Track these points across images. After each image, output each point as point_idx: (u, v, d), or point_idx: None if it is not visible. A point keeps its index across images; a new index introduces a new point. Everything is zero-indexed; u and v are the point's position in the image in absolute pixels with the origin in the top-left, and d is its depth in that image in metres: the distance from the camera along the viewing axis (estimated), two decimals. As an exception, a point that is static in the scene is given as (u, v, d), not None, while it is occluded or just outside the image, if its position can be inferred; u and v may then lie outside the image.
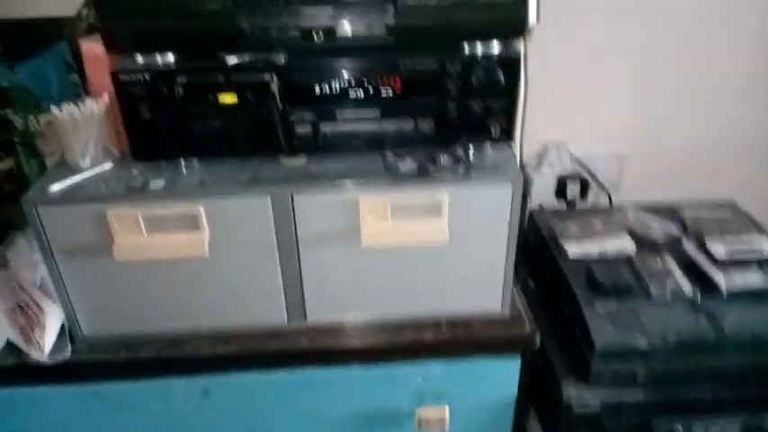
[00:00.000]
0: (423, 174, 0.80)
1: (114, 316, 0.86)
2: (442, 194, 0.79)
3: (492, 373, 0.92)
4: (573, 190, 1.30)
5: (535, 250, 1.18)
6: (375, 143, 0.81)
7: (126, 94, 0.75)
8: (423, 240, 0.82)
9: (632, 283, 0.98)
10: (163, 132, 0.78)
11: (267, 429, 0.94)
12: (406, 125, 0.80)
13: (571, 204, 1.31)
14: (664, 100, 1.31)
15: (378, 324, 0.90)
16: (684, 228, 1.13)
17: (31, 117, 0.96)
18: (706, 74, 1.28)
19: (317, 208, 0.80)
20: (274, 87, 0.76)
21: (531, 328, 0.90)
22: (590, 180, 1.31)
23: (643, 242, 1.09)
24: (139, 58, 0.75)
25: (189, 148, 0.80)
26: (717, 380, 0.94)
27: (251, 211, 0.79)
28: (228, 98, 0.77)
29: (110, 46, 0.73)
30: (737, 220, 1.15)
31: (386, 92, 0.78)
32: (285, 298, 0.86)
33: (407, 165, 0.81)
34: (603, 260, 1.05)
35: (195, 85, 0.76)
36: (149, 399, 0.90)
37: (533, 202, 1.31)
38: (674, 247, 1.08)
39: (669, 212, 1.18)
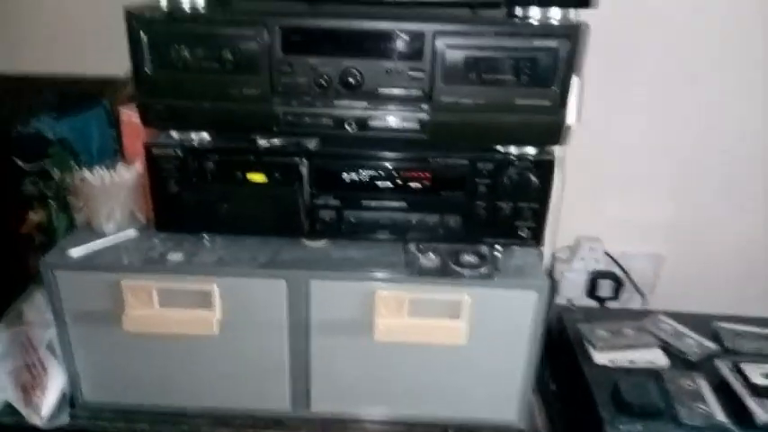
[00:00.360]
0: (445, 271, 0.77)
1: (117, 385, 0.84)
2: (463, 295, 0.76)
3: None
4: (605, 288, 1.25)
5: (560, 350, 1.12)
6: (399, 234, 0.79)
7: (157, 167, 0.76)
8: (439, 340, 0.78)
9: (660, 405, 0.91)
10: (188, 207, 0.78)
11: None
12: (432, 219, 0.78)
13: (602, 303, 1.25)
14: (705, 202, 1.26)
15: (383, 422, 0.85)
16: (721, 344, 1.06)
17: (68, 172, 0.98)
18: (752, 176, 1.23)
19: (332, 295, 0.78)
20: (303, 171, 0.76)
21: (550, 445, 0.84)
22: (624, 279, 1.26)
23: (675, 357, 1.03)
24: (174, 134, 0.76)
25: (212, 223, 0.80)
26: None
27: (266, 292, 0.78)
28: (257, 178, 0.77)
29: (146, 121, 0.74)
30: (780, 341, 1.07)
31: (414, 185, 0.76)
32: (291, 385, 0.83)
33: (430, 260, 0.79)
34: (631, 373, 0.98)
35: (226, 163, 0.76)
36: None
37: (562, 297, 1.26)
38: (708, 366, 1.01)
39: (705, 325, 1.11)
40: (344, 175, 0.76)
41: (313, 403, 0.84)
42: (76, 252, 0.78)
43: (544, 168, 0.74)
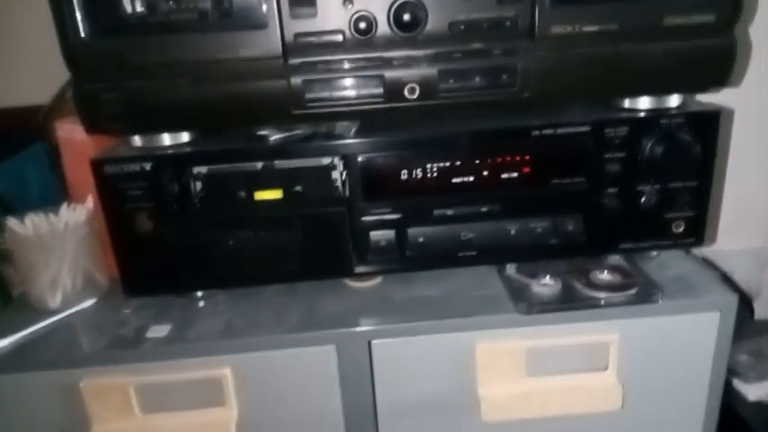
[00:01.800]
0: (574, 300, 0.51)
1: None
2: (610, 333, 0.50)
3: None
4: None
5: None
6: (492, 254, 0.52)
7: (114, 195, 0.49)
8: (579, 407, 0.51)
9: None
10: (170, 252, 0.51)
11: None
12: (540, 225, 0.52)
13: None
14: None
15: None
16: None
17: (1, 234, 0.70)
18: None
19: (408, 360, 0.50)
20: (338, 175, 0.50)
21: None
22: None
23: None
24: (137, 141, 0.50)
25: (209, 274, 0.52)
26: None
27: (304, 369, 0.50)
28: (269, 194, 0.50)
29: (89, 123, 0.47)
30: None
31: (509, 175, 0.50)
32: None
33: (547, 287, 0.52)
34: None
35: (220, 177, 0.49)
36: None
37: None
38: None
39: None
40: (401, 175, 0.50)
41: None
42: (2, 344, 0.50)
43: (707, 126, 0.49)
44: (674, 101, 0.50)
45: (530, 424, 0.51)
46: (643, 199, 0.51)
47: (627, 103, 0.51)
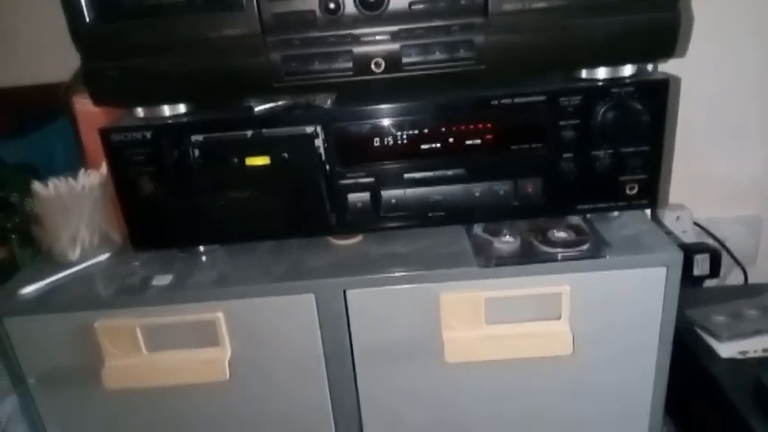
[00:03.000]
0: (530, 256, 0.56)
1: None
2: (562, 285, 0.54)
3: None
4: (700, 265, 1.01)
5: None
6: (458, 215, 0.58)
7: (121, 161, 0.56)
8: (533, 351, 0.56)
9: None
10: (172, 211, 0.57)
11: None
12: (503, 188, 0.57)
13: (699, 283, 1.02)
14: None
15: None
16: None
17: (28, 199, 0.78)
18: None
19: (379, 308, 0.56)
20: (319, 143, 0.55)
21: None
22: (720, 251, 1.03)
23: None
24: (139, 112, 0.56)
25: (207, 230, 0.59)
26: None
27: (289, 314, 0.57)
28: (258, 160, 0.56)
29: (97, 97, 0.54)
30: None
31: (473, 142, 0.55)
32: (336, 427, 0.61)
33: (507, 244, 0.57)
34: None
35: (214, 144, 0.55)
36: None
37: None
38: None
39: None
40: (375, 142, 0.56)
41: (370, 455, 0.62)
42: (28, 290, 0.58)
43: (656, 93, 0.53)
44: (627, 71, 0.54)
45: (489, 365, 0.57)
46: (597, 163, 0.55)
47: (584, 74, 0.55)
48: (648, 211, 0.64)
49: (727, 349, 0.79)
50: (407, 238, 0.60)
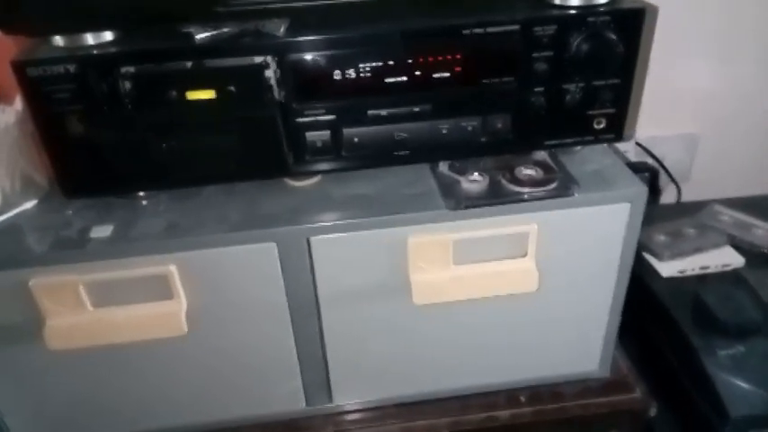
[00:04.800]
0: (498, 195, 0.54)
1: (61, 423, 0.60)
2: (529, 224, 0.54)
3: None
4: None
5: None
6: (424, 152, 0.55)
7: (41, 99, 0.48)
8: (500, 290, 0.56)
9: (758, 316, 0.74)
10: (105, 154, 0.51)
11: None
12: (471, 123, 0.54)
13: (638, 202, 1.06)
14: (745, 71, 1.05)
15: (431, 401, 0.64)
16: (796, 229, 0.89)
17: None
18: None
19: (345, 254, 0.54)
20: (271, 74, 0.50)
21: (643, 393, 0.66)
22: (659, 170, 1.06)
23: (750, 253, 0.85)
24: (58, 41, 0.48)
25: (146, 175, 0.53)
26: None
27: (249, 264, 0.53)
28: (201, 94, 0.50)
29: (5, 23, 0.45)
30: None
31: (440, 75, 0.51)
32: (302, 376, 0.61)
33: (475, 182, 0.55)
34: (708, 281, 0.80)
35: (149, 77, 0.49)
36: None
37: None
38: (792, 256, 0.84)
39: (766, 209, 0.94)
40: (334, 74, 0.51)
41: (336, 395, 0.63)
42: (-55, 249, 0.51)
43: (631, 24, 0.50)
44: (601, -1, 0.51)
45: (457, 306, 0.57)
46: (568, 97, 0.53)
47: (557, 0, 0.51)
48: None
49: (667, 268, 0.83)
50: (370, 178, 0.57)
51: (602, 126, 0.55)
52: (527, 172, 0.55)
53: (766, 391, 0.67)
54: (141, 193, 0.56)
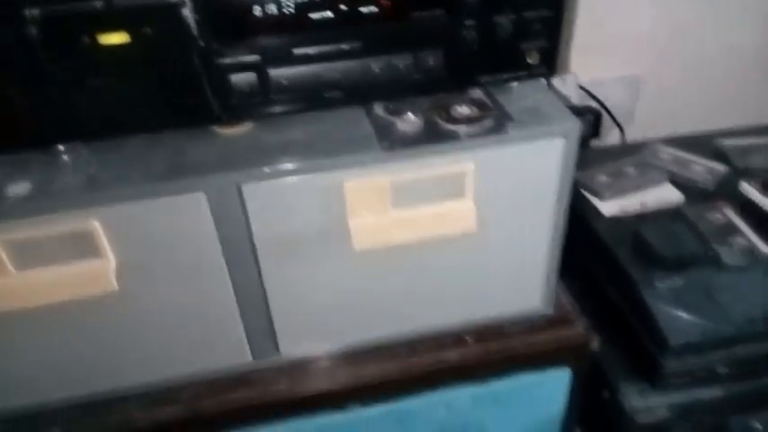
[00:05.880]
0: (435, 135, 0.53)
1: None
2: (466, 163, 0.53)
3: (534, 390, 0.69)
4: (584, 127, 1.05)
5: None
6: (356, 93, 0.53)
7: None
8: (439, 231, 0.56)
9: (695, 248, 0.76)
10: (15, 105, 0.48)
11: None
12: (403, 61, 0.52)
13: (582, 144, 1.07)
14: (684, 9, 1.06)
15: (380, 347, 0.65)
16: (730, 164, 0.91)
17: None
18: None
19: (280, 201, 0.52)
20: (188, 13, 0.47)
21: (585, 328, 0.67)
22: (602, 112, 1.07)
23: (688, 188, 0.87)
24: (-54, -19, 0.44)
25: (62, 127, 0.50)
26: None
27: (177, 217, 0.51)
28: (115, 38, 0.47)
29: None
30: (792, 148, 0.94)
31: (369, 9, 0.49)
32: (246, 329, 0.60)
33: (410, 123, 0.54)
34: (648, 218, 0.82)
35: (55, 17, 0.45)
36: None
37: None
38: (729, 191, 0.86)
39: (707, 146, 0.96)
40: (256, 11, 0.48)
41: (282, 346, 0.62)
42: None
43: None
44: (530, -74, 0.50)
45: (398, 250, 0.56)
46: (499, 30, 0.52)
47: (487, -71, 0.50)
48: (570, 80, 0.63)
49: (608, 207, 0.85)
50: (304, 123, 0.55)
51: (534, 61, 0.54)
52: (462, 110, 0.54)
53: (703, 319, 0.70)
54: (61, 148, 0.53)
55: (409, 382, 0.65)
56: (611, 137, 1.15)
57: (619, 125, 1.12)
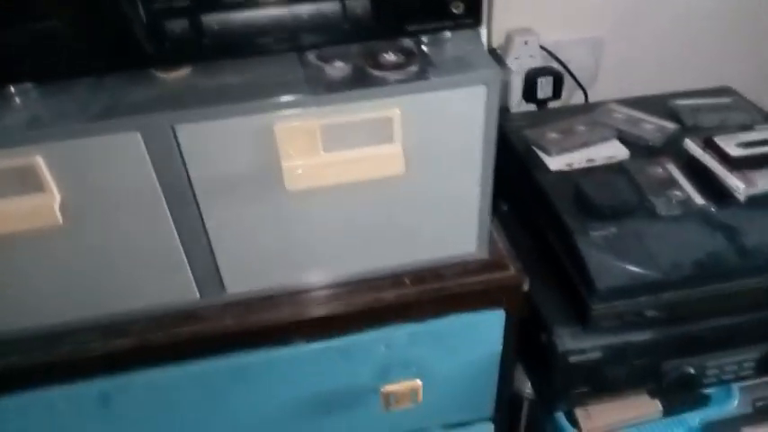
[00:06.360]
0: (362, 80, 0.56)
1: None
2: (392, 108, 0.56)
3: (471, 330, 0.73)
4: (544, 88, 1.08)
5: (507, 165, 0.97)
6: (288, 40, 0.56)
7: None
8: (369, 174, 0.59)
9: (631, 200, 0.79)
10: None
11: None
12: (331, 8, 0.55)
13: (543, 105, 1.10)
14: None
15: (321, 287, 0.68)
16: (681, 123, 0.94)
17: None
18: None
19: (213, 142, 0.56)
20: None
21: (517, 270, 0.71)
22: (563, 73, 1.10)
23: (636, 146, 0.90)
24: None
25: (7, 68, 0.53)
26: (734, 307, 0.78)
27: (114, 154, 0.54)
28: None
29: None
30: (741, 108, 0.96)
31: (295, -42, 0.52)
32: (191, 267, 0.64)
33: (338, 69, 0.57)
34: (593, 173, 0.85)
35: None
36: (31, 416, 0.67)
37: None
38: (675, 148, 0.89)
39: (660, 106, 0.99)
40: (188, -41, 0.51)
41: (228, 285, 0.66)
42: None
43: None
44: None
45: (333, 193, 0.60)
46: (423, -20, 0.54)
47: None
48: (484, 34, 0.66)
49: (555, 162, 0.88)
50: (240, 70, 0.58)
51: (458, 10, 0.56)
52: (389, 58, 0.57)
53: (631, 265, 0.73)
54: (12, 90, 0.56)
55: (350, 320, 0.69)
56: (575, 99, 1.18)
57: (582, 87, 1.14)
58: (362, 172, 0.59)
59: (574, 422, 0.88)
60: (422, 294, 0.69)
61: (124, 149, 0.54)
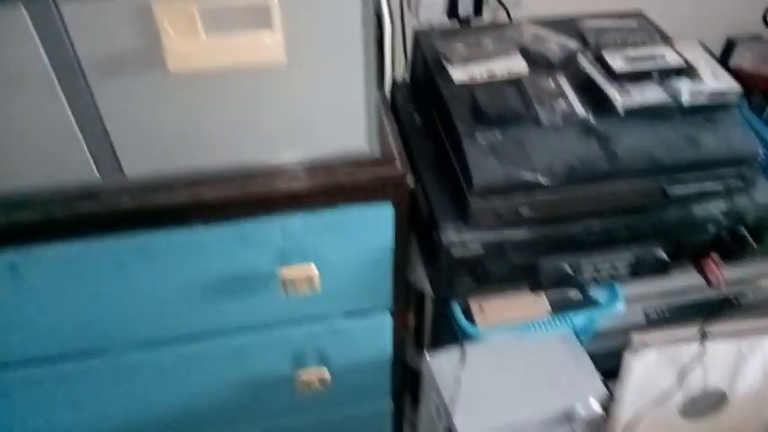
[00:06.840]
0: (239, -33, 0.59)
1: None
2: (269, -4, 0.60)
3: (362, 222, 0.79)
4: (466, 5, 1.11)
5: (420, 79, 1.02)
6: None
7: None
8: (249, 60, 0.63)
9: (519, 109, 0.85)
10: None
11: (100, 310, 0.80)
12: None
13: (465, 23, 1.13)
14: None
15: (218, 174, 0.73)
16: (585, 42, 0.99)
17: None
18: None
19: (97, 21, 0.59)
20: None
21: (403, 167, 0.77)
22: (485, -8, 1.13)
23: (537, 62, 0.95)
24: None
25: None
26: (607, 210, 0.86)
27: (5, 30, 0.57)
28: None
29: None
30: (643, 30, 1.01)
31: None
32: (88, 148, 0.68)
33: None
34: (490, 85, 0.90)
35: None
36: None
37: (421, 24, 1.13)
38: (570, 64, 0.94)
39: (570, 26, 1.03)
40: None
41: (126, 166, 0.70)
42: None
43: None
44: None
45: (215, 77, 0.64)
46: None
47: None
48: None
49: (459, 74, 0.92)
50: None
51: None
52: (268, -53, 0.60)
53: (509, 166, 0.80)
54: None
55: (246, 206, 0.74)
56: (501, 19, 1.21)
57: (504, 5, 1.18)
58: (243, 56, 0.63)
59: (469, 317, 0.97)
60: (314, 185, 0.74)
61: (14, 26, 0.57)
